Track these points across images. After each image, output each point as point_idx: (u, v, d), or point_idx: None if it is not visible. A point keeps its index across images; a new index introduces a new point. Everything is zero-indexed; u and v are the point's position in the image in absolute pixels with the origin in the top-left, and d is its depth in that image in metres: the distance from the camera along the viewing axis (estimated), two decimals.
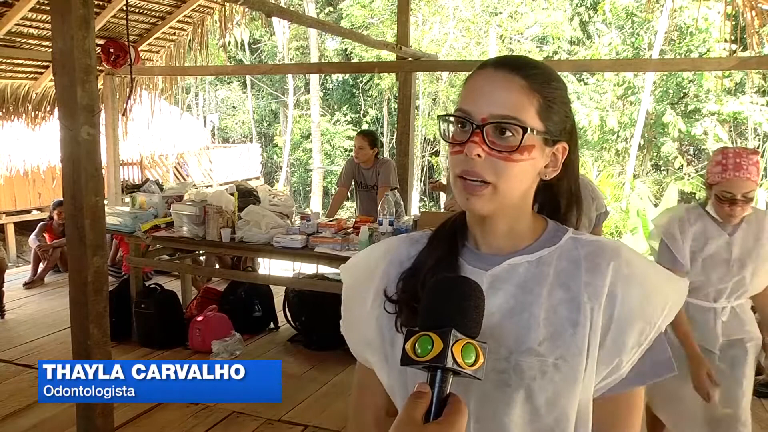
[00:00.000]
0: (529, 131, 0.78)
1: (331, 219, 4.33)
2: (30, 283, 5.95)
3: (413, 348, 0.67)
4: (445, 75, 13.70)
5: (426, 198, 15.05)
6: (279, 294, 4.68)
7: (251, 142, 17.54)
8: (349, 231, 3.91)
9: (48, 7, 4.33)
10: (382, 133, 15.72)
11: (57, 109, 3.45)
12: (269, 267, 5.70)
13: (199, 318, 4.16)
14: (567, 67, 8.46)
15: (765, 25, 4.75)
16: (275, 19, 12.98)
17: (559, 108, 0.82)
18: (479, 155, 0.77)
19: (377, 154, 4.65)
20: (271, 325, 4.63)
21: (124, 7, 4.90)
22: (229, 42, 9.41)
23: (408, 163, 5.33)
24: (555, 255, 0.83)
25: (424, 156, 15.48)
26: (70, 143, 2.55)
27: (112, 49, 5.74)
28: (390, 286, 0.87)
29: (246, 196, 4.23)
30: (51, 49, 2.73)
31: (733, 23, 5.14)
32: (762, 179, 9.22)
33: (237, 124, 19.30)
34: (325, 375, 3.81)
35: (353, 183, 4.83)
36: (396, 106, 6.00)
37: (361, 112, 17.37)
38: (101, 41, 5.72)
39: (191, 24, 6.47)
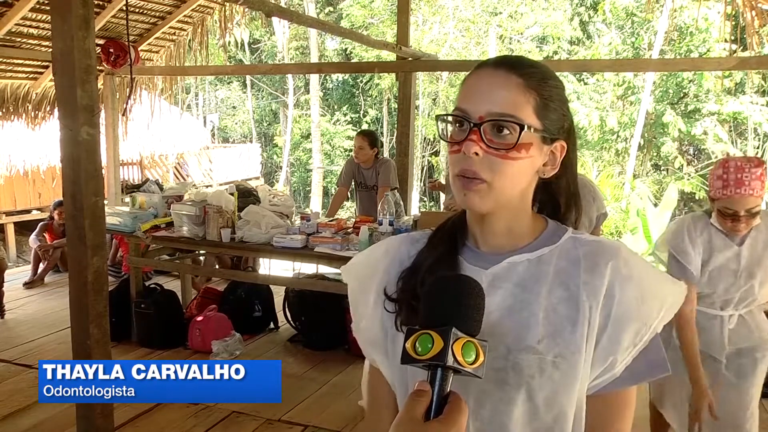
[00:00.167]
0: (526, 129, 0.78)
1: (331, 219, 4.33)
2: (30, 283, 5.94)
3: (413, 346, 0.67)
4: (445, 75, 13.70)
5: (426, 198, 15.05)
6: (279, 294, 4.68)
7: (251, 142, 17.54)
8: (349, 231, 3.90)
9: (48, 7, 4.34)
10: (382, 133, 15.71)
11: (57, 109, 3.45)
12: (269, 267, 5.70)
13: (199, 318, 4.16)
14: (567, 67, 8.46)
15: (765, 25, 4.74)
16: (275, 19, 12.98)
17: (557, 106, 0.82)
18: (477, 153, 0.78)
19: (377, 154, 4.65)
20: (271, 325, 4.63)
21: (124, 7, 4.89)
22: (229, 42, 9.41)
23: (408, 163, 5.33)
24: (555, 254, 0.83)
25: (424, 156, 15.48)
26: (70, 143, 2.55)
27: (112, 49, 5.73)
28: (390, 284, 0.87)
29: (246, 196, 4.23)
30: (51, 49, 2.73)
31: (733, 23, 5.13)
32: None
33: (237, 124, 19.29)
34: (325, 375, 3.81)
35: (353, 183, 4.83)
36: (396, 106, 6.00)
37: (361, 112, 17.36)
38: (101, 41, 5.72)
39: (191, 24, 6.47)
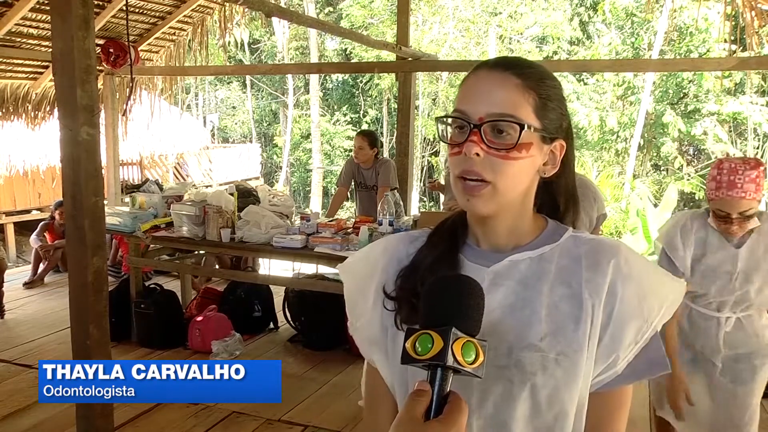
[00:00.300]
0: (526, 128, 0.78)
1: (331, 219, 4.33)
2: (30, 283, 5.94)
3: (413, 346, 0.67)
4: (445, 75, 13.70)
5: (426, 198, 15.05)
6: (279, 294, 4.68)
7: (251, 142, 17.53)
8: (349, 231, 3.91)
9: (48, 7, 4.33)
10: (382, 133, 15.71)
11: (57, 109, 3.44)
12: (269, 267, 5.70)
13: (199, 318, 4.16)
14: (567, 67, 8.46)
15: (765, 26, 4.75)
16: (275, 19, 12.98)
17: (555, 105, 0.82)
18: (478, 154, 0.78)
19: (377, 154, 4.65)
20: (271, 325, 4.63)
21: (124, 7, 4.90)
22: (229, 42, 9.41)
23: (408, 163, 5.33)
24: (556, 252, 0.84)
25: (423, 156, 15.48)
26: (69, 143, 2.55)
27: (112, 49, 5.74)
28: (389, 283, 0.87)
29: (246, 196, 4.23)
30: (51, 49, 2.73)
31: (733, 23, 5.13)
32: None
33: (237, 124, 19.29)
34: (325, 375, 3.81)
35: (353, 183, 4.83)
36: (396, 106, 6.00)
37: (361, 112, 17.36)
38: (101, 41, 5.72)
39: (191, 24, 6.48)
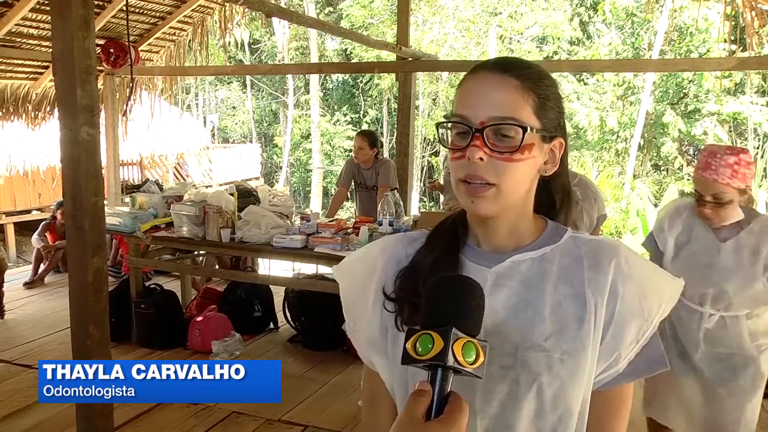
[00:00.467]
0: (529, 130, 0.79)
1: (331, 219, 4.33)
2: (30, 283, 5.94)
3: (414, 347, 0.67)
4: (445, 75, 13.70)
5: (426, 198, 15.05)
6: (279, 294, 4.68)
7: (251, 142, 17.53)
8: (349, 231, 3.91)
9: (48, 7, 4.33)
10: (382, 133, 15.71)
11: (57, 109, 3.45)
12: (269, 267, 5.70)
13: (199, 318, 4.16)
14: (567, 67, 8.47)
15: (765, 26, 4.75)
16: (275, 20, 12.98)
17: (553, 104, 0.83)
18: (482, 158, 0.78)
19: (377, 154, 4.65)
20: (271, 326, 4.63)
21: (124, 7, 4.90)
22: (229, 42, 9.42)
23: (408, 164, 5.33)
24: (557, 252, 0.84)
25: (423, 156, 15.48)
26: (70, 143, 2.55)
27: (112, 49, 5.74)
28: (388, 284, 0.87)
29: (246, 196, 4.23)
30: (51, 49, 2.73)
31: (733, 23, 5.14)
32: (762, 180, 9.20)
33: (237, 124, 19.29)
34: (325, 375, 3.81)
35: (353, 183, 4.83)
36: (396, 106, 6.00)
37: (361, 112, 17.36)
38: (101, 41, 5.72)
39: (191, 24, 6.48)
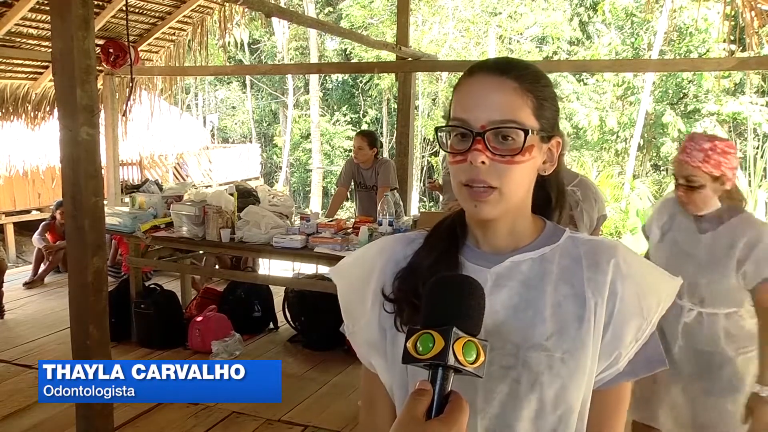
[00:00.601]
0: (531, 132, 0.79)
1: (331, 219, 4.33)
2: (30, 283, 5.94)
3: (414, 346, 0.67)
4: (445, 75, 13.70)
5: (425, 198, 15.05)
6: (279, 294, 4.68)
7: (251, 142, 17.52)
8: (349, 231, 3.91)
9: (48, 7, 4.33)
10: (381, 133, 15.70)
11: (57, 109, 3.44)
12: (269, 267, 5.70)
13: (199, 318, 4.16)
14: (567, 68, 8.47)
15: (764, 26, 4.75)
16: (275, 20, 12.98)
17: (550, 104, 0.83)
18: (484, 162, 0.78)
19: (377, 154, 4.65)
20: (271, 326, 4.63)
21: (123, 7, 4.89)
22: (229, 42, 9.41)
23: (407, 164, 5.33)
24: (556, 252, 0.85)
25: (423, 156, 15.47)
26: (69, 143, 2.55)
27: (111, 49, 5.74)
28: (387, 285, 0.87)
29: (245, 196, 4.23)
30: (51, 49, 2.73)
31: (733, 24, 5.14)
32: (762, 180, 9.19)
33: (236, 124, 19.28)
34: (325, 375, 3.81)
35: (353, 183, 4.83)
36: (395, 106, 6.01)
37: (361, 112, 17.35)
38: (101, 41, 5.72)
39: (191, 24, 6.48)
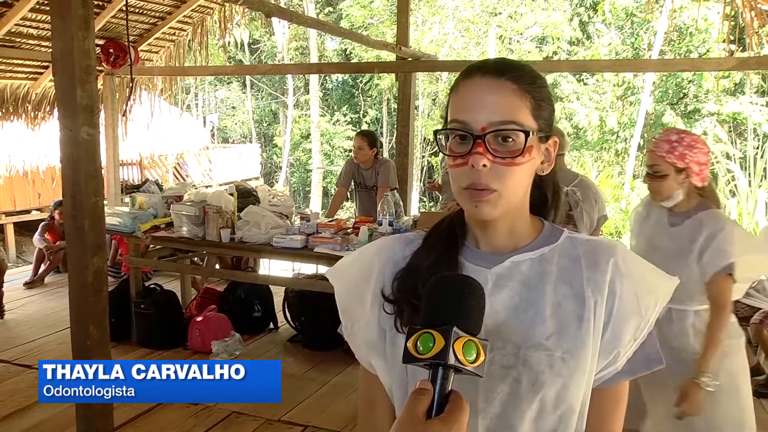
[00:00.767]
0: (531, 133, 0.79)
1: (331, 219, 4.33)
2: (30, 283, 5.94)
3: (415, 346, 0.67)
4: (445, 75, 13.69)
5: (425, 198, 15.04)
6: (279, 294, 4.68)
7: (251, 142, 17.52)
8: (349, 231, 3.91)
9: (48, 7, 4.33)
10: (381, 134, 15.70)
11: (57, 109, 3.45)
12: (269, 267, 5.70)
13: (199, 318, 4.16)
14: (567, 68, 8.47)
15: (764, 26, 4.75)
16: (275, 20, 12.98)
17: (547, 104, 0.83)
18: (485, 165, 0.78)
19: (377, 154, 4.65)
20: (271, 326, 4.63)
21: (123, 8, 4.90)
22: (229, 42, 9.42)
23: (407, 164, 5.33)
24: (556, 252, 0.85)
25: (423, 156, 15.47)
26: (69, 143, 2.55)
27: (111, 50, 5.74)
28: (387, 286, 0.87)
29: (245, 196, 4.23)
30: (51, 49, 2.73)
31: (733, 24, 5.14)
32: (761, 180, 9.19)
33: (236, 124, 19.28)
34: (325, 375, 3.81)
35: (353, 183, 4.83)
36: (396, 106, 6.01)
37: (361, 112, 17.34)
38: (101, 41, 5.72)
39: (191, 24, 6.48)
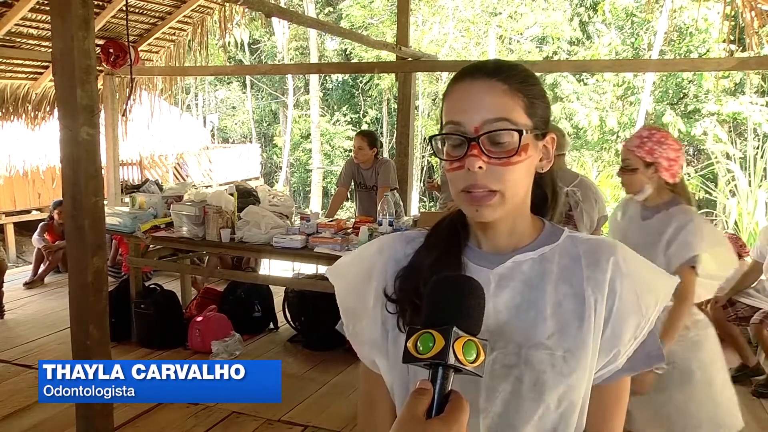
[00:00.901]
0: (524, 131, 0.79)
1: (331, 219, 4.33)
2: (30, 283, 5.93)
3: (415, 345, 0.67)
4: (445, 75, 13.68)
5: (425, 198, 15.04)
6: (279, 294, 4.68)
7: (251, 142, 17.52)
8: (349, 231, 3.91)
9: (48, 7, 4.33)
10: (381, 134, 15.70)
11: (57, 109, 3.45)
12: (269, 267, 5.70)
13: (199, 318, 4.16)
14: (567, 67, 8.47)
15: (764, 26, 4.75)
16: (275, 20, 12.99)
17: (541, 102, 0.83)
18: (481, 167, 0.78)
19: (377, 154, 4.65)
20: (271, 326, 4.63)
21: (124, 8, 4.90)
22: (229, 42, 9.42)
23: (407, 164, 5.33)
24: (556, 252, 0.85)
25: (423, 156, 15.47)
26: (69, 143, 2.56)
27: (111, 50, 5.74)
28: (389, 285, 0.87)
29: (245, 196, 4.23)
30: (51, 49, 2.73)
31: (733, 24, 5.14)
32: (762, 180, 9.19)
33: (236, 124, 19.28)
34: (325, 375, 3.81)
35: (353, 183, 4.83)
36: (396, 106, 6.01)
37: (361, 112, 17.34)
38: (101, 41, 5.72)
39: (191, 24, 6.48)
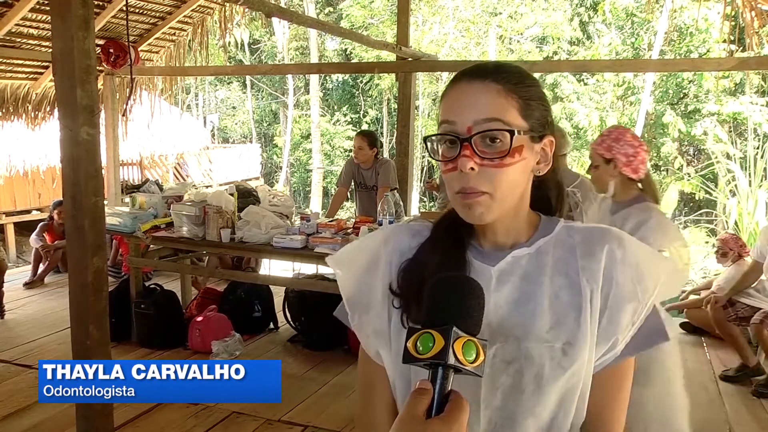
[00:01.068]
0: (516, 132, 0.79)
1: (331, 219, 4.33)
2: (30, 283, 5.94)
3: (414, 346, 0.68)
4: (445, 75, 13.68)
5: (425, 198, 15.04)
6: (279, 294, 4.68)
7: (251, 142, 17.52)
8: (349, 231, 3.91)
9: (48, 8, 4.34)
10: (382, 134, 15.70)
11: (57, 109, 3.45)
12: (269, 267, 5.70)
13: (199, 318, 4.16)
14: (567, 68, 8.48)
15: (764, 26, 4.75)
16: (275, 20, 12.99)
17: (538, 104, 0.83)
18: (473, 168, 0.78)
19: (377, 154, 4.65)
20: (271, 326, 4.63)
21: (124, 8, 4.90)
22: (229, 42, 9.42)
23: (408, 164, 5.33)
24: (551, 244, 0.85)
25: (423, 156, 15.46)
26: (70, 143, 2.55)
27: (112, 50, 5.74)
28: (395, 279, 0.87)
29: (246, 196, 4.23)
30: (51, 49, 2.74)
31: (733, 24, 5.14)
32: (762, 181, 9.18)
33: (237, 124, 19.28)
34: (325, 375, 3.81)
35: (353, 183, 4.83)
36: (396, 106, 6.01)
37: (361, 112, 17.35)
38: (101, 41, 5.72)
39: (191, 24, 6.48)
